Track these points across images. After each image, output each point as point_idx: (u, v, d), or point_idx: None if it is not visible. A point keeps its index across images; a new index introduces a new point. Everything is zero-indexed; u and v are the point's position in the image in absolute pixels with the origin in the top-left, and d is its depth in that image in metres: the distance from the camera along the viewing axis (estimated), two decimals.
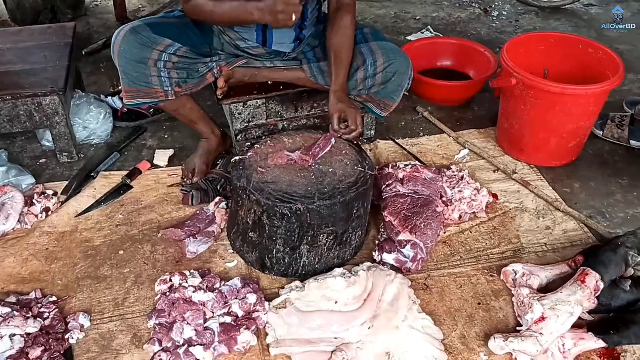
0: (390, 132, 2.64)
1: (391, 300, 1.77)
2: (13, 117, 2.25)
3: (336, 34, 2.11)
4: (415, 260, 1.94)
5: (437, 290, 1.91)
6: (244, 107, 2.29)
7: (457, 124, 2.69)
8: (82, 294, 1.87)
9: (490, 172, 2.40)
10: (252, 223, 1.88)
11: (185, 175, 2.31)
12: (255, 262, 1.95)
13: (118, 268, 1.96)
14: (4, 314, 1.69)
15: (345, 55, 2.11)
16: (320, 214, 1.80)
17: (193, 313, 1.71)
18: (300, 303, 1.76)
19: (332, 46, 2.11)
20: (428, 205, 2.06)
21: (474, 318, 1.83)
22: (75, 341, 1.72)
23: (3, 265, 1.95)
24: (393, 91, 2.16)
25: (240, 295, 1.80)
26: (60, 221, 2.12)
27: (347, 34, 2.12)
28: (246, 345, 1.70)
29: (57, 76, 2.31)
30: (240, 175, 1.89)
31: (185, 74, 2.08)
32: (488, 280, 1.95)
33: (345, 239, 1.92)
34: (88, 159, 2.43)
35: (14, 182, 2.19)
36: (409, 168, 2.17)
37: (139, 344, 1.72)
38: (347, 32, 2.12)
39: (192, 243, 2.00)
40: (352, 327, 1.71)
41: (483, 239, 2.10)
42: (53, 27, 2.67)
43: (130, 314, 1.81)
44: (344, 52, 2.11)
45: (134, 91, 2.03)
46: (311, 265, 1.92)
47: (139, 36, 1.98)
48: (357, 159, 1.97)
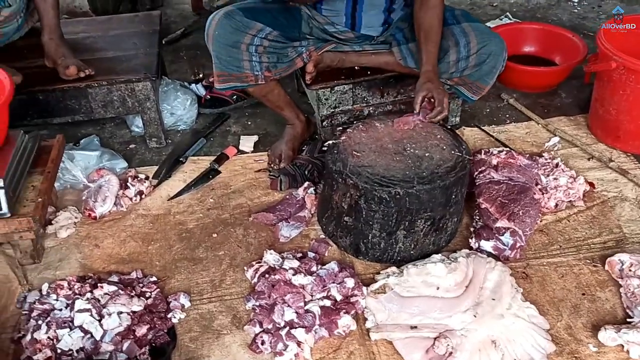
0: (475, 119, 2.57)
1: (493, 288, 1.72)
2: (107, 103, 2.30)
3: (425, 13, 2.06)
4: (514, 248, 1.88)
5: (537, 279, 1.85)
6: (330, 92, 2.27)
7: (544, 111, 2.61)
8: (180, 274, 1.90)
9: (584, 160, 2.31)
10: (348, 207, 1.86)
11: (271, 160, 2.31)
12: (349, 246, 1.94)
13: (213, 250, 1.98)
14: (111, 291, 1.73)
15: (435, 35, 2.05)
16: (419, 199, 1.77)
17: (293, 295, 1.71)
18: (399, 288, 1.74)
19: (422, 26, 2.06)
20: (525, 192, 1.99)
21: (579, 308, 1.76)
22: (177, 320, 1.74)
23: (102, 246, 2.00)
24: (487, 73, 2.10)
25: (337, 279, 1.79)
26: (154, 204, 2.16)
27: (437, 14, 2.06)
28: (346, 329, 1.69)
29: (148, 62, 2.35)
30: (335, 159, 1.87)
31: (275, 58, 2.08)
32: (591, 270, 1.87)
33: (441, 224, 1.88)
34: (176, 144, 2.46)
35: (108, 165, 2.25)
36: (503, 154, 2.11)
37: (239, 325, 1.73)
38: (436, 11, 2.05)
39: (285, 227, 2.00)
40: (454, 314, 1.67)
41: (582, 228, 2.02)
42: (140, 15, 2.72)
43: (228, 296, 1.82)
44: (433, 32, 2.05)
45: (225, 75, 2.05)
46: (406, 251, 1.89)
47: (232, 20, 1.99)
48: (453, 143, 1.92)
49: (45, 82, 2.23)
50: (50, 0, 2.23)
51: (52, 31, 2.26)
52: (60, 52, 2.25)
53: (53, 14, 2.25)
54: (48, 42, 2.26)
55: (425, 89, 1.97)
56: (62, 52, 2.25)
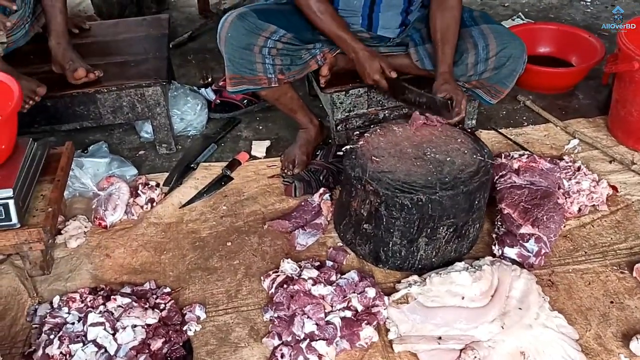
0: (492, 121, 2.52)
1: (520, 297, 1.67)
2: (116, 108, 2.25)
3: (442, 14, 2.02)
4: (538, 255, 1.82)
5: (563, 287, 1.79)
6: (345, 95, 2.22)
7: (562, 113, 2.55)
8: (194, 285, 1.84)
9: (605, 162, 2.25)
10: (367, 214, 1.80)
11: (285, 166, 2.26)
12: (368, 254, 1.88)
13: (227, 259, 1.92)
14: (124, 304, 1.68)
15: (452, 36, 2.01)
16: (442, 205, 1.71)
17: (313, 306, 1.65)
18: (423, 298, 1.68)
19: (438, 27, 2.02)
20: (548, 197, 1.93)
21: (608, 317, 1.70)
22: (192, 333, 1.68)
23: (114, 256, 1.95)
24: (506, 76, 2.05)
25: (358, 289, 1.73)
26: (166, 212, 2.11)
27: (454, 15, 2.02)
28: (368, 340, 1.63)
29: (158, 67, 2.30)
30: (353, 165, 1.82)
31: (288, 60, 2.03)
32: (618, 277, 1.81)
33: (464, 231, 1.82)
34: (186, 150, 2.41)
35: (118, 173, 2.19)
36: (524, 158, 2.06)
37: (257, 337, 1.67)
38: (453, 12, 2.02)
39: (301, 235, 1.94)
40: (481, 325, 1.61)
41: (607, 233, 1.97)
42: (148, 19, 2.67)
43: (244, 307, 1.76)
44: (450, 33, 2.01)
45: (237, 78, 2.00)
46: (428, 259, 1.83)
47: (245, 22, 1.95)
48: (474, 147, 1.86)
49: (53, 88, 2.17)
50: (58, 5, 2.18)
51: (59, 36, 2.21)
52: (68, 56, 2.20)
53: (61, 18, 2.20)
54: (55, 46, 2.20)
55: (444, 90, 1.94)
56: (70, 56, 2.20)
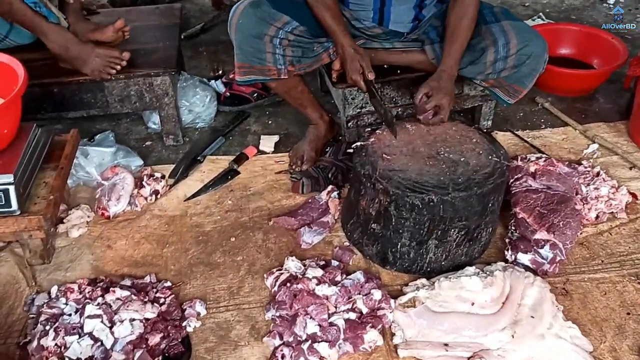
0: (508, 123, 2.45)
1: (532, 305, 1.60)
2: (124, 97, 2.20)
3: (457, 11, 1.94)
4: (553, 262, 1.75)
5: (578, 296, 1.72)
6: (357, 91, 2.15)
7: (581, 116, 2.47)
8: (196, 280, 1.79)
9: (625, 169, 2.18)
10: (376, 213, 1.74)
11: (293, 162, 2.20)
12: (375, 255, 1.82)
13: (230, 255, 1.87)
14: (123, 297, 1.63)
15: (462, 33, 1.92)
16: (454, 206, 1.65)
17: (317, 307, 1.60)
18: (431, 302, 1.62)
19: (450, 24, 1.95)
20: (565, 202, 1.86)
21: (624, 329, 1.63)
22: (192, 329, 1.63)
23: (115, 247, 1.90)
24: (525, 76, 1.98)
25: (363, 291, 1.67)
26: (170, 204, 2.06)
27: (468, 11, 1.92)
28: (372, 344, 1.57)
29: (168, 56, 2.25)
30: (363, 162, 1.76)
31: (299, 52, 1.98)
32: (636, 288, 1.74)
33: (476, 234, 1.75)
34: (193, 142, 2.36)
35: (123, 163, 2.15)
36: (541, 161, 1.99)
37: (257, 336, 1.62)
38: (468, 8, 1.92)
39: (307, 233, 1.89)
40: (490, 333, 1.54)
41: (625, 242, 1.89)
42: (160, 8, 2.63)
43: (246, 304, 1.71)
44: (461, 30, 1.92)
45: (246, 67, 1.94)
46: (437, 262, 1.77)
47: (258, 10, 1.89)
48: (490, 148, 1.80)
49: (61, 74, 2.13)
50: None
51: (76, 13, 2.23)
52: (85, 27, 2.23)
53: None
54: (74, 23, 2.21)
55: (428, 87, 1.84)
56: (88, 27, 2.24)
